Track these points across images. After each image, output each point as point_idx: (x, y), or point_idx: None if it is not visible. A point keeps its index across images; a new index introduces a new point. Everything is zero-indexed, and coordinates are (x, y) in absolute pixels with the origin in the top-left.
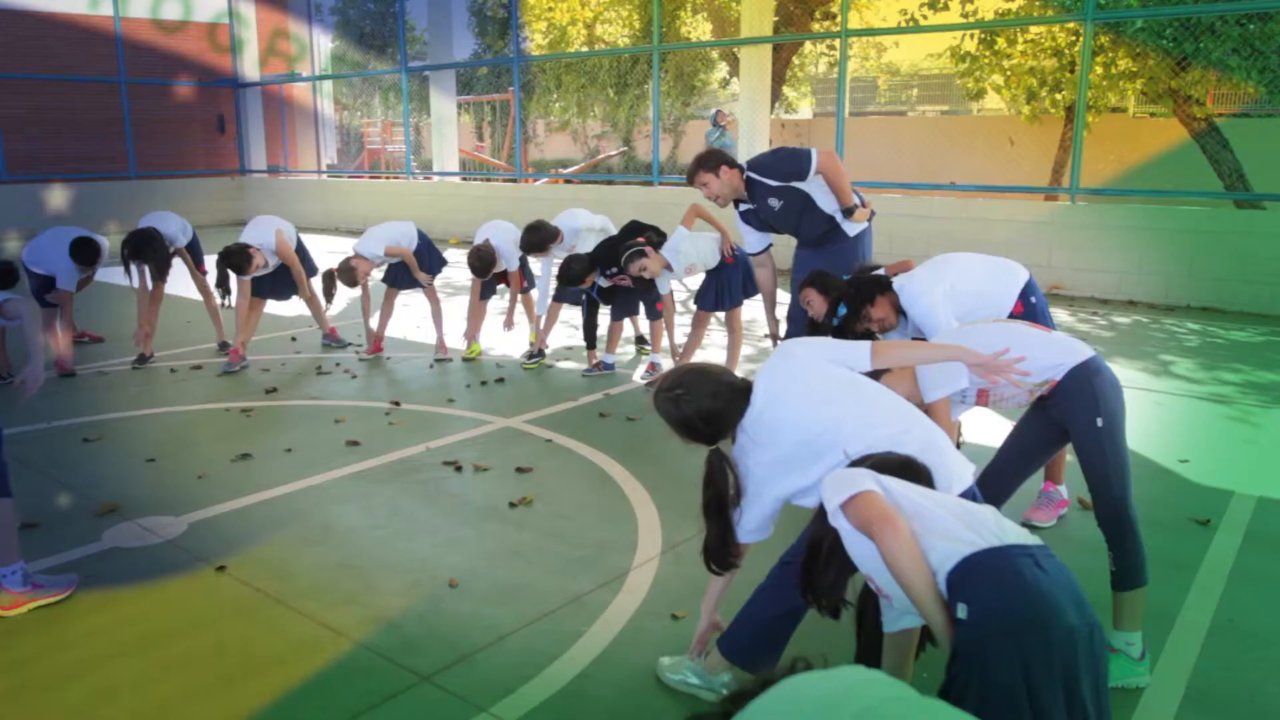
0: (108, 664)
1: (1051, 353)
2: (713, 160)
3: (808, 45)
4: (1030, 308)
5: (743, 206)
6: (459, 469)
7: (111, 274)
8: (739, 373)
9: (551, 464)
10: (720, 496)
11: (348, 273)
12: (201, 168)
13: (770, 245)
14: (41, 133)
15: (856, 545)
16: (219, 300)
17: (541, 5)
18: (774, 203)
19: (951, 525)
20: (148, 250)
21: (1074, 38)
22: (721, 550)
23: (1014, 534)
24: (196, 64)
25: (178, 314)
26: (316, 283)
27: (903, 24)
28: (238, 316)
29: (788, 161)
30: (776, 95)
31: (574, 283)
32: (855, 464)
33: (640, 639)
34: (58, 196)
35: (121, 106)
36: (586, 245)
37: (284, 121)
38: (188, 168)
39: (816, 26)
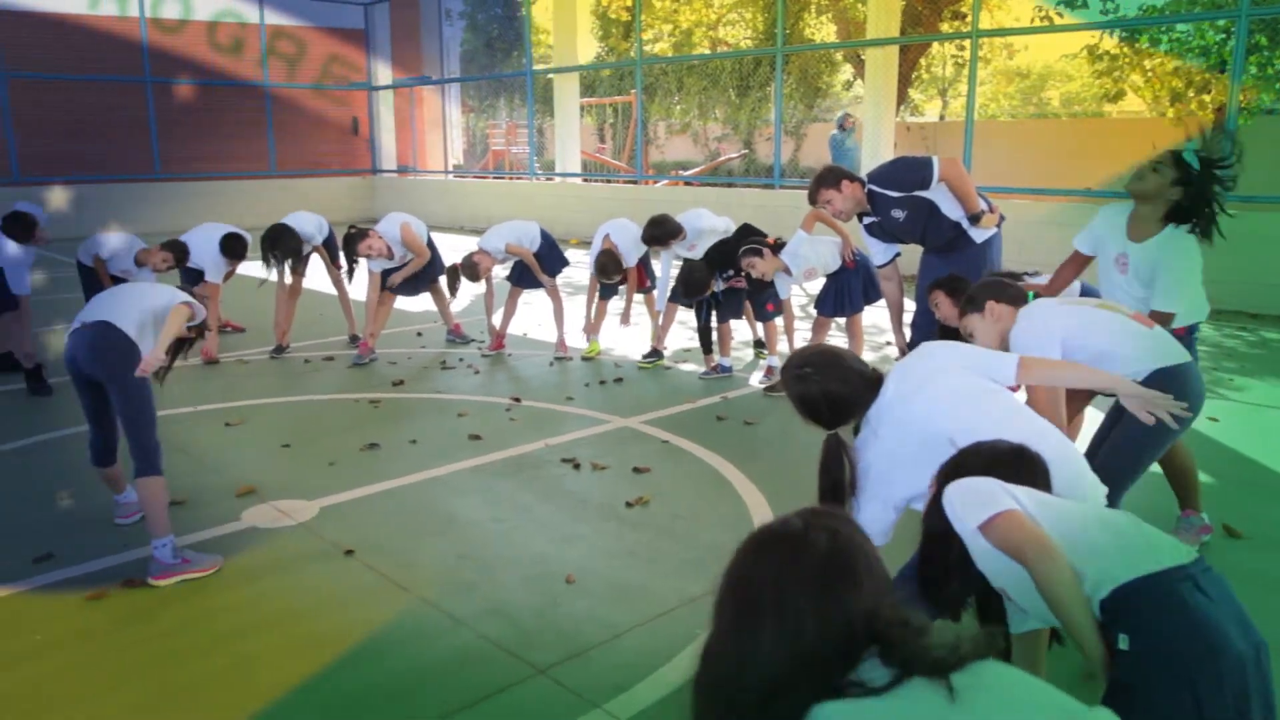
0: (246, 637)
1: (1147, 350)
2: (833, 177)
3: (935, 47)
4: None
5: (867, 220)
6: (577, 467)
7: (253, 268)
8: None
9: (668, 465)
10: (837, 483)
11: (470, 268)
12: (335, 167)
13: (898, 255)
14: (188, 133)
15: (992, 563)
16: (341, 270)
17: (666, 8)
18: (898, 214)
19: (1100, 543)
20: (281, 243)
21: (1224, 35)
22: None
23: (1168, 550)
24: (328, 69)
25: (311, 308)
26: (443, 280)
27: (1037, 22)
28: (367, 310)
29: (909, 171)
30: (902, 98)
31: (699, 290)
32: (965, 455)
33: None
34: (203, 193)
35: (264, 108)
36: (707, 248)
37: (413, 123)
38: (322, 167)
39: (945, 27)
